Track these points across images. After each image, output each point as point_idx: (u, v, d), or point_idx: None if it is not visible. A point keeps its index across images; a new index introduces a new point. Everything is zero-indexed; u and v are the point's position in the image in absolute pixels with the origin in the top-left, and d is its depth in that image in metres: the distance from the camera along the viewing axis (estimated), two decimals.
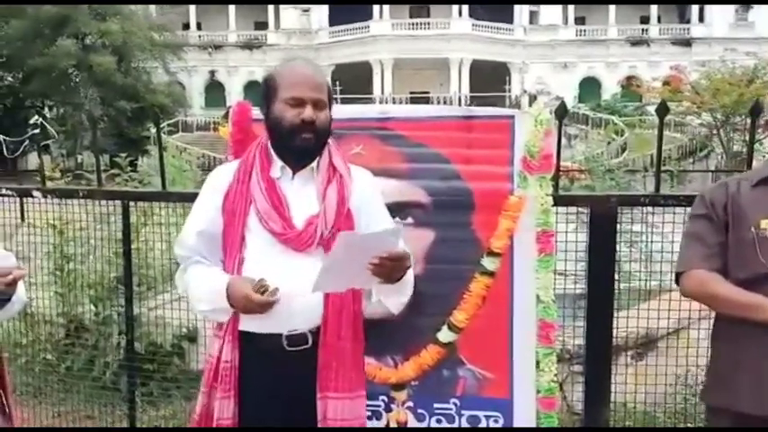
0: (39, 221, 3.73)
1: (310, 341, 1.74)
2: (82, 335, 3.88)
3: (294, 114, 1.72)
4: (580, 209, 2.38)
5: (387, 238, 1.61)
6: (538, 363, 2.18)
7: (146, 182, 8.43)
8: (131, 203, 3.16)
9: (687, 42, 35.81)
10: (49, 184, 5.65)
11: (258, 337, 1.75)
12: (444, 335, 2.19)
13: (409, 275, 1.75)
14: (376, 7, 35.23)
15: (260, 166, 1.80)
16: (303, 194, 1.78)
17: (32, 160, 26.51)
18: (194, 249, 1.82)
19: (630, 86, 29.04)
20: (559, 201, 2.19)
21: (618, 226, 2.20)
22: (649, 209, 2.28)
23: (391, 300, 1.79)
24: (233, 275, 1.74)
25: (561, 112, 2.18)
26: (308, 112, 1.71)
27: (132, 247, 3.76)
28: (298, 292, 1.68)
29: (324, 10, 36.63)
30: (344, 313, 1.76)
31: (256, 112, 2.23)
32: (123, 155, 8.44)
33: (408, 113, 2.35)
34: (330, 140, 1.84)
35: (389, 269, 1.61)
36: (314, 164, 1.80)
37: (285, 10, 37.26)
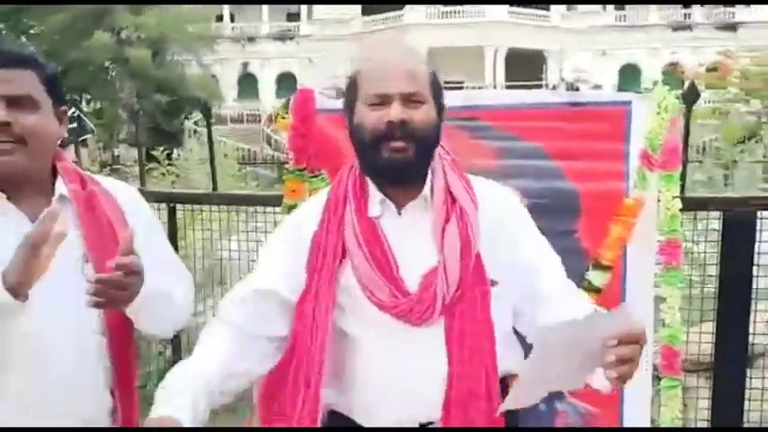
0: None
1: None
2: None
3: (377, 118, 1.24)
4: None
5: (622, 319, 1.06)
6: (658, 394, 1.83)
7: (182, 175, 8.25)
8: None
9: (733, 27, 34.47)
10: None
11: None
12: None
13: None
14: None
15: (354, 200, 1.29)
16: (416, 237, 1.27)
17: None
18: (239, 313, 1.31)
19: (674, 73, 28.04)
20: (685, 204, 1.82)
21: (757, 234, 1.83)
22: None
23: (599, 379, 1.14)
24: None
25: (691, 97, 1.81)
26: (394, 112, 1.22)
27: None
28: (413, 378, 1.25)
29: None
30: (472, 408, 1.25)
31: (321, 102, 1.93)
32: (160, 148, 8.30)
33: (498, 100, 2.01)
34: (442, 153, 1.34)
35: (629, 359, 1.04)
36: (426, 190, 1.28)
37: None
